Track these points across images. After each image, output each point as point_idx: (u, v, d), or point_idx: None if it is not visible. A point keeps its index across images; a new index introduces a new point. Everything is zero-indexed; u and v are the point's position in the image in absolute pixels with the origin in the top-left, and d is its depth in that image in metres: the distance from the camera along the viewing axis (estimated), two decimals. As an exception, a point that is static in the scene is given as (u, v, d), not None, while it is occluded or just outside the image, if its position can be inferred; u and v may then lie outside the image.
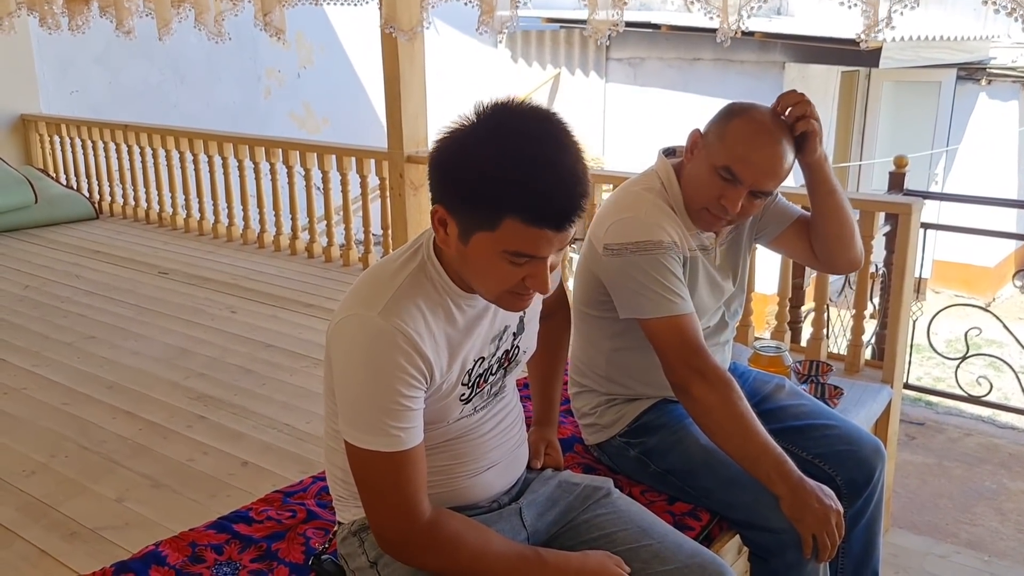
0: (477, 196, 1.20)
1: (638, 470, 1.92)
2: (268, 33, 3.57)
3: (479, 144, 1.21)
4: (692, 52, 8.44)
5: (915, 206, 2.75)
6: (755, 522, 1.73)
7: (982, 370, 3.96)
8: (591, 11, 2.66)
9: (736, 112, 1.68)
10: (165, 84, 7.49)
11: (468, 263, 1.28)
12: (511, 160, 1.17)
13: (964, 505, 3.30)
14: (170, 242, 4.96)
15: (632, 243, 1.68)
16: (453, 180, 1.23)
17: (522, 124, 1.22)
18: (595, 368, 1.93)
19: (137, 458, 2.40)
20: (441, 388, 1.35)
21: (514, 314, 1.45)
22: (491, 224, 1.20)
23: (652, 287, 1.67)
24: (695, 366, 1.65)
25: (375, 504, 1.33)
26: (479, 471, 1.49)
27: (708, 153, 1.69)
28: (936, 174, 9.15)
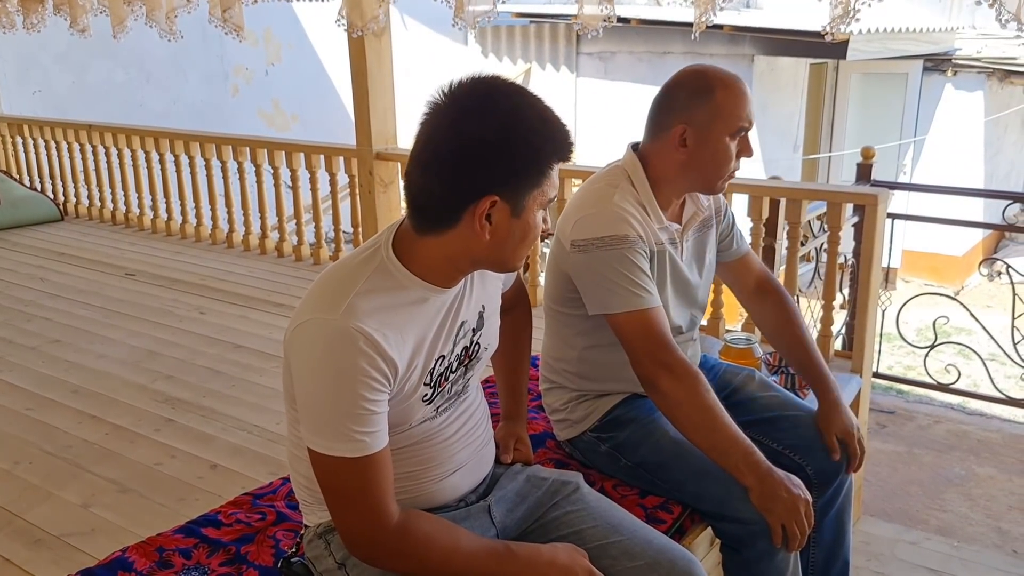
0: (532, 160, 1.27)
1: (609, 465, 1.92)
2: (225, 31, 3.52)
3: (509, 117, 1.25)
4: (662, 46, 8.47)
5: (881, 197, 2.77)
6: (725, 513, 1.74)
7: (951, 358, 4.01)
8: (580, 5, 2.66)
9: (708, 87, 1.71)
10: (130, 83, 7.40)
11: (514, 236, 1.30)
12: (542, 117, 1.28)
13: (934, 492, 3.34)
14: (137, 243, 4.90)
15: (598, 238, 1.68)
16: (509, 158, 1.25)
17: (509, 83, 1.31)
18: (566, 364, 1.92)
19: (103, 463, 2.37)
20: (404, 388, 1.33)
21: (472, 309, 1.44)
22: (542, 178, 1.28)
23: (618, 282, 1.67)
24: (662, 360, 1.66)
25: (342, 510, 1.31)
26: (445, 475, 1.48)
27: (712, 131, 1.71)
28: (904, 164, 9.25)
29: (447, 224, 1.28)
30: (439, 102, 1.26)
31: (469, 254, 1.31)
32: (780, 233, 3.17)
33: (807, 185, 4.67)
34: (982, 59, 8.99)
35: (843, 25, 2.16)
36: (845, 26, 2.19)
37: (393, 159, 3.93)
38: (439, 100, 1.26)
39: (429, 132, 1.27)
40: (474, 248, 1.30)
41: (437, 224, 1.29)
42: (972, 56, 9.08)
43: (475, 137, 1.23)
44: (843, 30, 2.26)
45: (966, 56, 9.08)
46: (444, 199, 1.27)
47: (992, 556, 2.89)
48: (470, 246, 1.29)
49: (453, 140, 1.24)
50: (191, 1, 3.41)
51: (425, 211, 1.30)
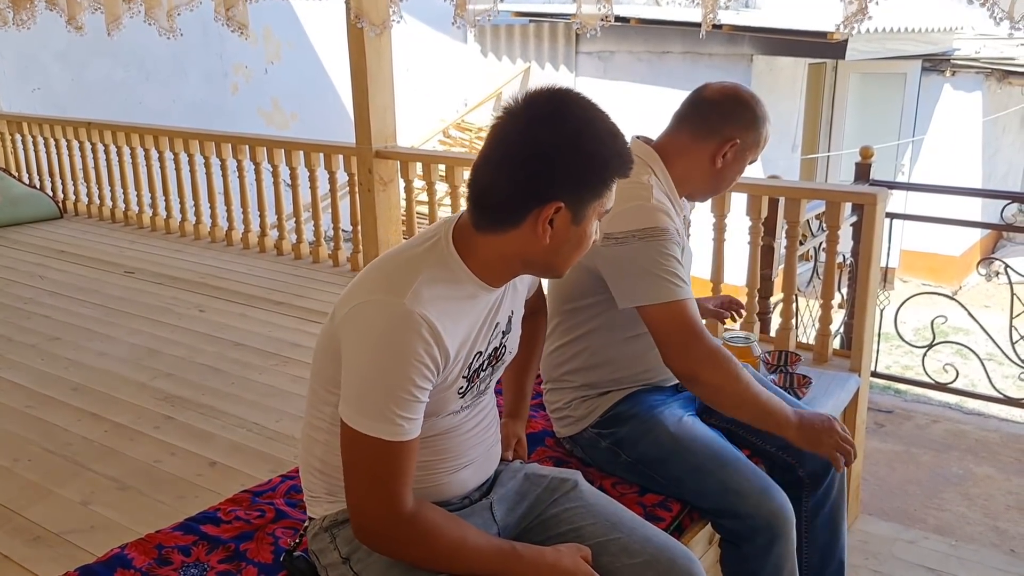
0: (600, 172, 1.32)
1: (610, 461, 1.92)
2: (231, 28, 3.51)
3: (581, 129, 1.30)
4: (661, 45, 8.47)
5: (880, 196, 2.77)
6: (725, 508, 1.76)
7: (949, 357, 4.01)
8: (579, 4, 2.66)
9: (763, 118, 1.85)
10: (130, 80, 7.40)
11: (570, 243, 1.35)
12: (611, 133, 1.33)
13: (932, 491, 3.34)
14: (136, 241, 4.90)
15: (638, 230, 1.69)
16: (580, 169, 1.30)
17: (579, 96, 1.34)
18: (574, 363, 1.93)
19: (103, 460, 2.37)
20: (447, 379, 1.36)
21: (505, 313, 1.48)
22: (604, 191, 1.34)
23: (659, 273, 1.69)
24: (700, 350, 1.68)
25: (362, 491, 1.31)
26: (457, 468, 1.50)
27: (745, 152, 1.85)
28: (902, 164, 9.25)
29: (510, 224, 1.32)
30: (514, 108, 1.31)
31: (524, 256, 1.35)
32: (779, 232, 3.18)
33: (806, 184, 4.68)
34: (980, 59, 8.99)
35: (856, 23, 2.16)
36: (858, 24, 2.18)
37: (392, 157, 3.93)
38: (514, 106, 1.31)
39: (502, 135, 1.32)
40: (531, 250, 1.34)
41: (499, 224, 1.33)
42: (970, 56, 9.09)
43: (550, 144, 1.28)
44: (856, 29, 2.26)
45: (964, 56, 9.09)
46: (511, 200, 1.31)
47: (990, 555, 2.89)
48: (527, 248, 1.34)
49: (528, 145, 1.29)
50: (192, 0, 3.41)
51: (490, 210, 1.34)
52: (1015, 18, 2.26)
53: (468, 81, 10.05)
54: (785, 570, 1.79)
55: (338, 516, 1.47)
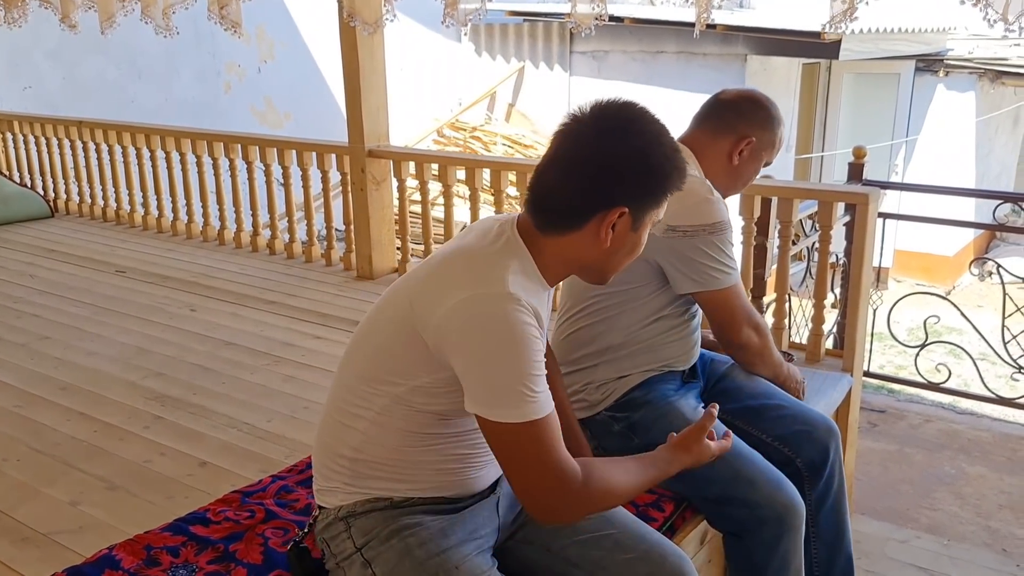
0: (660, 183, 1.39)
1: (621, 445, 1.93)
2: (224, 27, 3.50)
3: (650, 143, 1.38)
4: (655, 45, 8.47)
5: (872, 196, 2.77)
6: (735, 496, 1.78)
7: (942, 357, 4.01)
8: (573, 3, 2.66)
9: (778, 120, 1.99)
10: (122, 79, 7.36)
11: (625, 247, 1.43)
12: (672, 148, 1.41)
13: (924, 490, 3.34)
14: (128, 240, 4.87)
15: (709, 224, 1.82)
16: (645, 178, 1.38)
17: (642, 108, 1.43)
18: (593, 344, 1.94)
19: (92, 460, 2.35)
20: None
21: None
22: (662, 201, 1.42)
23: (725, 262, 1.85)
24: (753, 322, 1.95)
25: (530, 477, 1.35)
26: (483, 465, 1.53)
27: (760, 152, 1.97)
28: (896, 164, 9.27)
29: (572, 227, 1.38)
30: (583, 117, 1.38)
31: (581, 259, 1.43)
32: (772, 232, 3.17)
33: (798, 184, 4.68)
34: (973, 60, 9.02)
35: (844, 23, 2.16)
36: (846, 24, 2.19)
37: (385, 157, 3.92)
38: (582, 115, 1.39)
39: (570, 140, 1.39)
40: (589, 254, 1.41)
41: (562, 226, 1.39)
42: (964, 57, 9.11)
43: (620, 153, 1.36)
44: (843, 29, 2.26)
45: (958, 57, 9.12)
46: (577, 202, 1.38)
47: (982, 555, 2.90)
48: (587, 251, 1.41)
49: (599, 152, 1.36)
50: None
51: (554, 212, 1.40)
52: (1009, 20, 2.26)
53: (462, 80, 10.03)
54: (793, 565, 1.80)
55: (355, 507, 1.49)
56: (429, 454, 1.46)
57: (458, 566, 1.41)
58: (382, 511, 1.47)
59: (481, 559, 1.46)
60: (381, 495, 1.47)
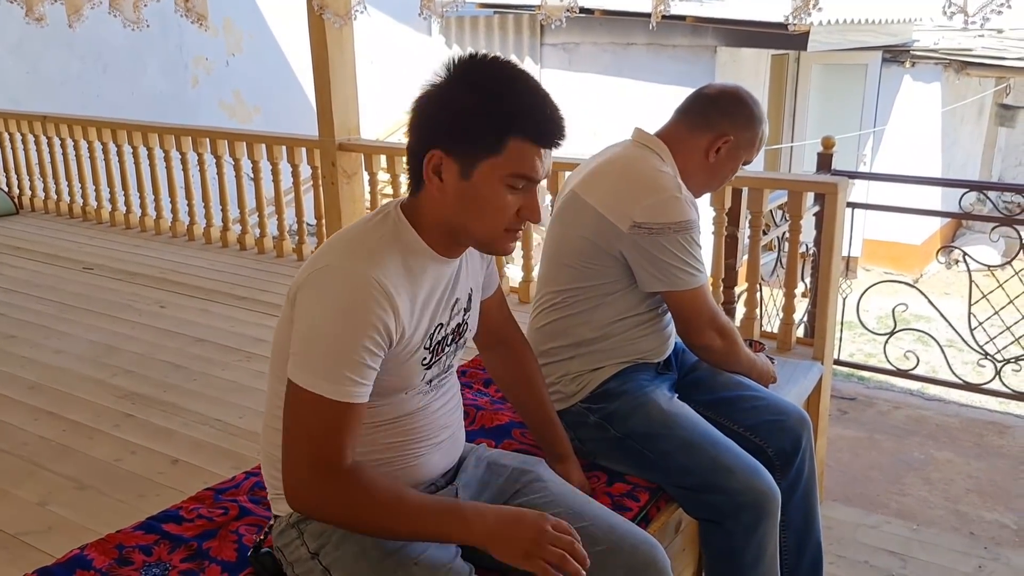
0: (483, 121, 1.27)
1: (597, 435, 1.93)
2: (190, 19, 3.46)
3: (475, 78, 1.29)
4: (625, 37, 8.48)
5: (841, 185, 2.80)
6: (713, 484, 1.79)
7: (910, 345, 4.07)
8: (544, -3, 2.65)
9: (759, 117, 1.94)
10: (86, 73, 7.26)
11: (469, 201, 1.31)
12: (512, 85, 1.29)
13: (894, 476, 3.39)
14: (95, 236, 4.80)
15: (674, 222, 1.78)
16: (453, 113, 1.28)
17: (503, 61, 1.33)
18: (568, 336, 1.93)
19: (61, 460, 2.32)
20: (406, 348, 1.36)
21: (464, 291, 1.49)
22: (497, 147, 1.27)
23: (689, 262, 1.82)
24: (717, 324, 1.91)
25: (301, 451, 1.28)
26: (426, 451, 1.50)
27: (738, 151, 1.93)
28: (864, 154, 9.37)
29: (417, 183, 1.35)
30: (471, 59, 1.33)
31: (442, 217, 1.35)
32: (742, 222, 3.19)
33: (769, 174, 4.72)
34: (939, 51, 9.13)
35: (805, 15, 2.19)
36: (807, 16, 2.21)
37: (356, 150, 3.89)
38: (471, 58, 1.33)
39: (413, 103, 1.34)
40: (441, 210, 1.34)
41: (414, 184, 1.36)
42: (929, 48, 9.22)
43: (429, 95, 1.31)
44: (805, 20, 2.28)
45: (924, 48, 9.22)
46: (411, 158, 1.34)
47: (951, 538, 2.95)
48: (437, 207, 1.34)
49: (416, 102, 1.33)
50: (158, -11, 3.34)
51: (409, 173, 1.38)
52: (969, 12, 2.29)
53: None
54: (768, 550, 1.82)
55: None
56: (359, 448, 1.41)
57: (416, 561, 1.36)
58: None
59: (441, 552, 1.41)
60: None
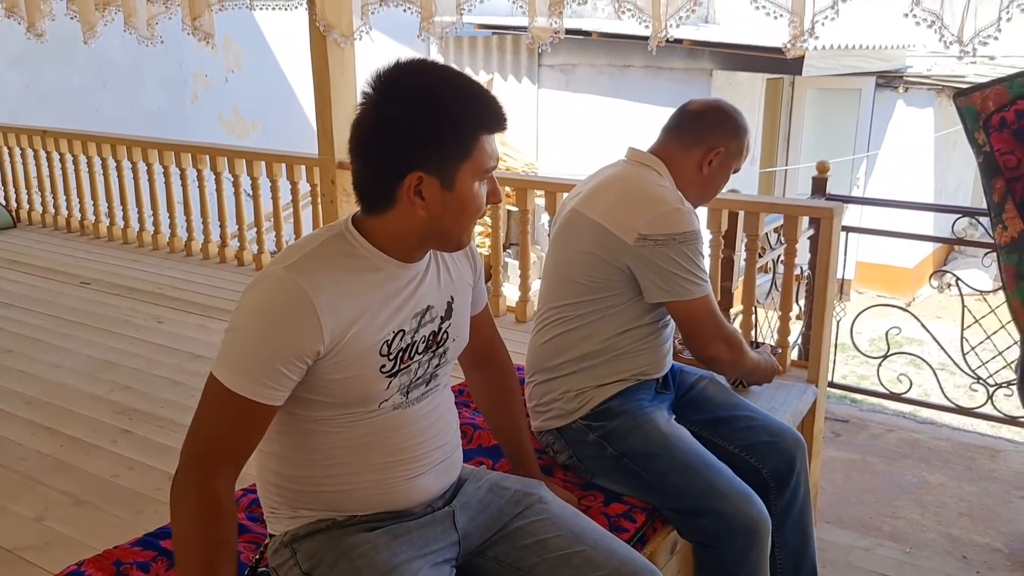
0: (454, 132, 1.30)
1: (594, 454, 1.95)
2: (197, 38, 3.50)
3: (424, 93, 1.29)
4: (623, 59, 8.56)
5: (836, 211, 2.83)
6: (707, 507, 1.80)
7: (903, 368, 4.09)
8: (531, 18, 2.69)
9: (744, 128, 2.01)
10: (87, 88, 7.29)
11: (454, 209, 1.34)
12: (459, 91, 1.32)
13: (887, 499, 3.40)
14: (92, 251, 4.82)
15: (680, 233, 1.83)
16: (423, 133, 1.29)
17: (432, 63, 1.37)
18: (574, 351, 1.95)
19: (58, 475, 2.32)
20: (348, 353, 1.34)
21: (441, 298, 1.48)
22: (467, 150, 1.31)
23: (695, 272, 1.86)
24: (722, 334, 1.94)
25: (193, 434, 1.32)
26: (416, 473, 1.48)
27: (729, 160, 1.99)
28: (858, 178, 9.45)
29: (386, 205, 1.34)
30: (366, 90, 1.32)
31: (414, 230, 1.36)
32: (739, 245, 3.22)
33: (765, 199, 4.76)
34: (932, 77, 9.23)
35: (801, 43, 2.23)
36: (803, 44, 2.25)
37: (355, 168, 3.91)
38: (366, 88, 1.32)
39: (356, 120, 1.33)
40: (415, 225, 1.34)
41: (377, 206, 1.35)
42: (922, 74, 9.32)
43: (389, 118, 1.29)
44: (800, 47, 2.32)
45: (917, 73, 9.32)
46: (375, 181, 1.34)
47: (943, 561, 2.95)
48: (411, 223, 1.34)
49: (371, 124, 1.30)
50: (169, 8, 3.38)
51: (364, 195, 1.36)
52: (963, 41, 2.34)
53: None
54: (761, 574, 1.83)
55: (299, 531, 1.46)
56: (345, 468, 1.43)
57: None
58: (325, 532, 1.44)
59: (435, 572, 1.42)
60: (323, 516, 1.45)
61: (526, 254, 3.64)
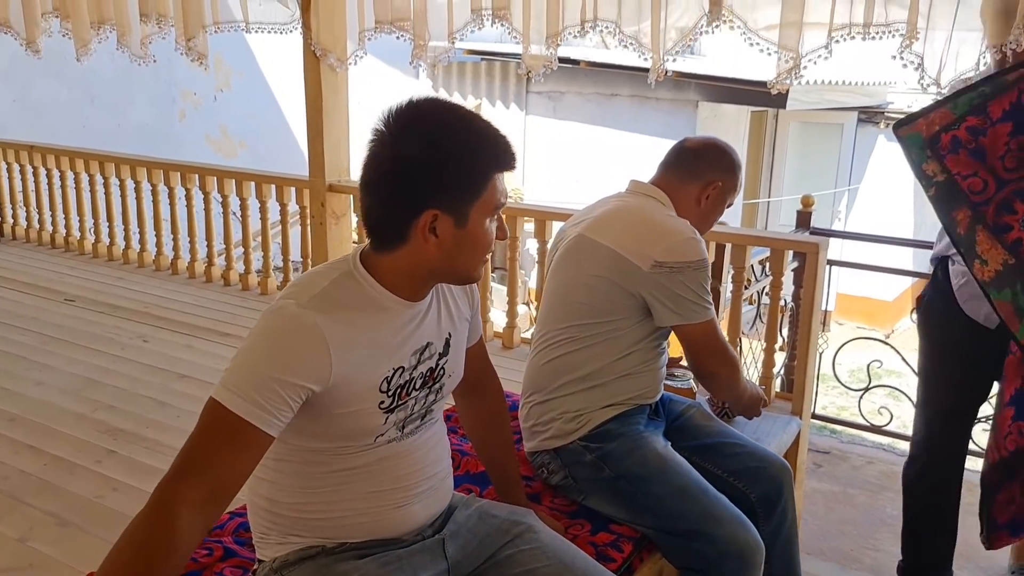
0: (470, 171, 1.33)
1: (590, 476, 1.97)
2: (190, 58, 3.52)
3: (441, 133, 1.33)
4: (610, 88, 8.66)
5: (822, 245, 2.88)
6: (701, 531, 1.82)
7: (883, 400, 4.14)
8: (525, 47, 2.73)
9: (739, 165, 2.10)
10: (74, 103, 7.28)
11: (466, 246, 1.37)
12: (474, 130, 1.35)
13: (867, 531, 3.43)
14: (77, 267, 4.79)
15: (693, 261, 1.90)
16: (442, 172, 1.32)
17: (446, 102, 1.40)
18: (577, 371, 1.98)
19: (42, 495, 2.30)
20: (350, 391, 1.35)
21: (440, 335, 1.49)
22: (481, 189, 1.34)
23: (704, 296, 1.93)
24: (725, 356, 2.01)
25: (189, 457, 1.25)
26: (406, 502, 1.49)
27: (725, 195, 2.07)
28: (839, 211, 9.57)
29: (398, 241, 1.36)
30: (379, 128, 1.34)
31: (424, 267, 1.38)
32: (725, 276, 3.27)
33: (752, 232, 4.82)
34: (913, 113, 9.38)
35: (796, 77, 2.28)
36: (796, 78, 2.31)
37: (346, 191, 3.94)
38: (379, 126, 1.34)
39: (370, 157, 1.35)
40: (427, 261, 1.36)
41: (389, 242, 1.37)
42: (903, 110, 9.48)
43: (405, 156, 1.31)
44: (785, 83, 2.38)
45: (898, 110, 9.49)
46: (389, 218, 1.35)
47: (922, 595, 2.97)
48: (423, 259, 1.36)
49: (387, 162, 1.33)
50: (163, 28, 3.40)
51: (377, 231, 1.38)
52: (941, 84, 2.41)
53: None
54: None
55: (289, 557, 1.46)
56: (337, 496, 1.44)
57: None
58: (314, 559, 1.44)
59: None
60: (313, 543, 1.45)
61: (514, 281, 3.66)
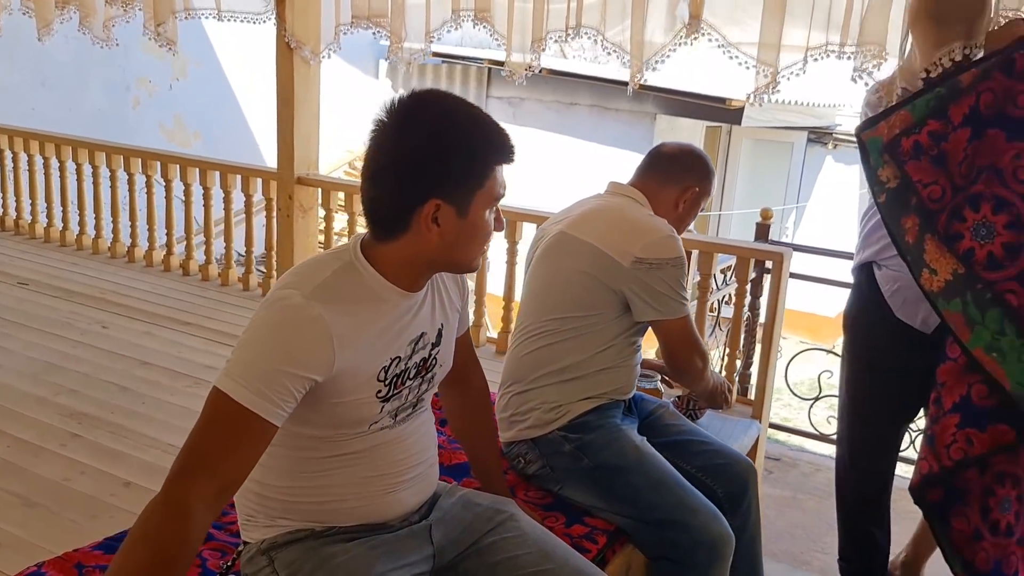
0: (472, 162, 1.35)
1: (568, 465, 2.00)
2: (159, 44, 3.48)
3: (445, 123, 1.35)
4: (570, 96, 8.75)
5: (786, 255, 2.99)
6: (676, 521, 1.88)
7: (829, 411, 4.26)
8: (508, 52, 2.77)
9: (713, 172, 2.17)
10: (23, 86, 7.07)
11: (467, 236, 1.39)
12: (477, 122, 1.38)
13: (816, 535, 3.53)
14: (28, 251, 4.67)
15: (673, 258, 1.97)
16: (447, 162, 1.34)
17: (447, 94, 1.42)
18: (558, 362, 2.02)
19: (6, 477, 2.26)
20: (351, 380, 1.37)
21: (434, 326, 1.52)
22: (483, 180, 1.36)
23: (681, 293, 2.00)
24: (699, 349, 2.09)
25: (197, 451, 1.25)
26: (396, 487, 1.51)
27: (700, 199, 2.14)
28: (787, 227, 9.82)
29: (399, 230, 1.37)
30: (381, 118, 1.36)
31: (425, 256, 1.40)
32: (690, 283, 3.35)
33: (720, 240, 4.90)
34: (859, 136, 9.69)
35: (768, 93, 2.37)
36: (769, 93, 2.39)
37: (314, 184, 3.93)
38: (382, 116, 1.36)
39: (373, 147, 1.37)
40: (428, 250, 1.38)
41: (391, 231, 1.38)
42: (851, 132, 9.79)
43: (410, 146, 1.33)
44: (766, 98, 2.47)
45: (845, 132, 9.79)
46: (392, 207, 1.37)
47: (867, 596, 3.08)
48: (424, 249, 1.38)
49: (391, 151, 1.34)
50: (128, 12, 3.35)
51: (378, 220, 1.39)
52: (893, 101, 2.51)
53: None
54: None
55: (277, 539, 1.47)
56: (329, 481, 1.46)
57: None
58: (304, 541, 1.46)
59: None
60: (302, 527, 1.47)
61: (483, 279, 3.69)
